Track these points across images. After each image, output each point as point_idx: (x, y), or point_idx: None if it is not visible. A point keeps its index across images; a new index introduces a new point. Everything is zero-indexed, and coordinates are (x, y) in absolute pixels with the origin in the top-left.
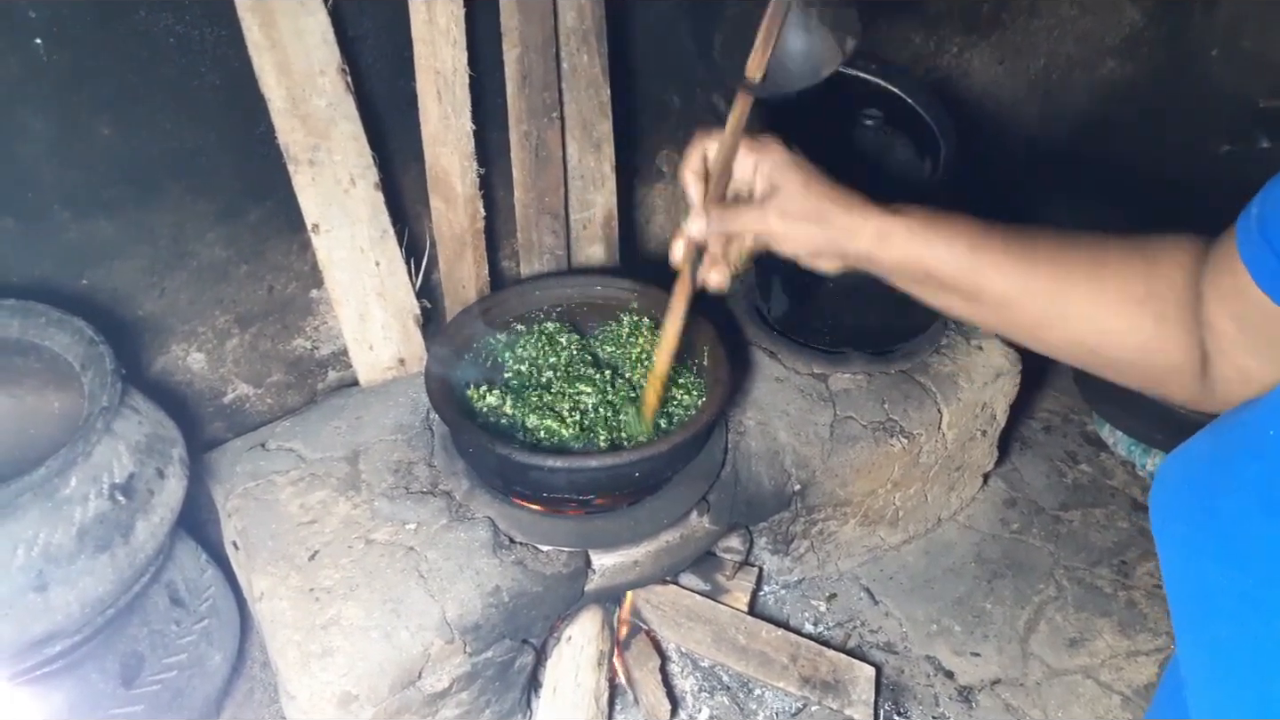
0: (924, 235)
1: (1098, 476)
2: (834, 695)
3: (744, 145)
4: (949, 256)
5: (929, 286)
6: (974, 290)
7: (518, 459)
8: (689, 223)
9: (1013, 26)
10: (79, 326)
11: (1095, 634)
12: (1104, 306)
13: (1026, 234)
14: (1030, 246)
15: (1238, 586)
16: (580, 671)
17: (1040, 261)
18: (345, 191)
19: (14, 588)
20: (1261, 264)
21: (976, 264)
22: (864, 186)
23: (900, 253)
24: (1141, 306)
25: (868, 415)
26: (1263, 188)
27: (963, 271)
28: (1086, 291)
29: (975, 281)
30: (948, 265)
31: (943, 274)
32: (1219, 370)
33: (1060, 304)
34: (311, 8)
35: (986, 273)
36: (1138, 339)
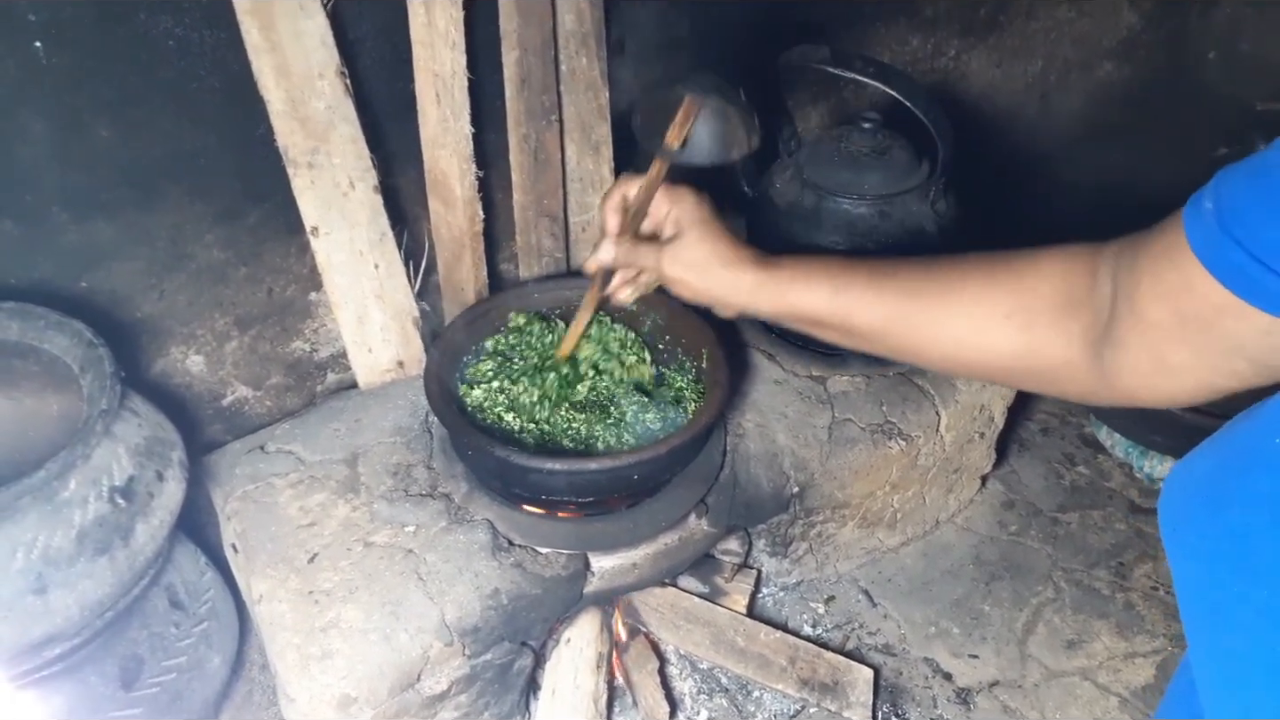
0: (791, 285)
1: (1095, 479)
2: (832, 697)
3: (662, 192)
4: (815, 301)
5: (810, 327)
6: (846, 327)
7: (517, 461)
8: (601, 249)
9: (1010, 29)
10: (78, 329)
11: (1093, 636)
12: (969, 326)
13: (888, 268)
14: (890, 280)
15: (1250, 597)
16: (579, 674)
17: (901, 293)
18: (344, 194)
19: (13, 590)
20: (1222, 258)
21: (841, 304)
22: (860, 192)
23: (773, 304)
24: (1007, 321)
25: (866, 418)
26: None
27: (830, 312)
28: (949, 315)
29: (844, 319)
30: (816, 309)
31: (814, 316)
32: (1130, 361)
33: (927, 329)
34: (310, 11)
35: (852, 310)
36: (1009, 350)
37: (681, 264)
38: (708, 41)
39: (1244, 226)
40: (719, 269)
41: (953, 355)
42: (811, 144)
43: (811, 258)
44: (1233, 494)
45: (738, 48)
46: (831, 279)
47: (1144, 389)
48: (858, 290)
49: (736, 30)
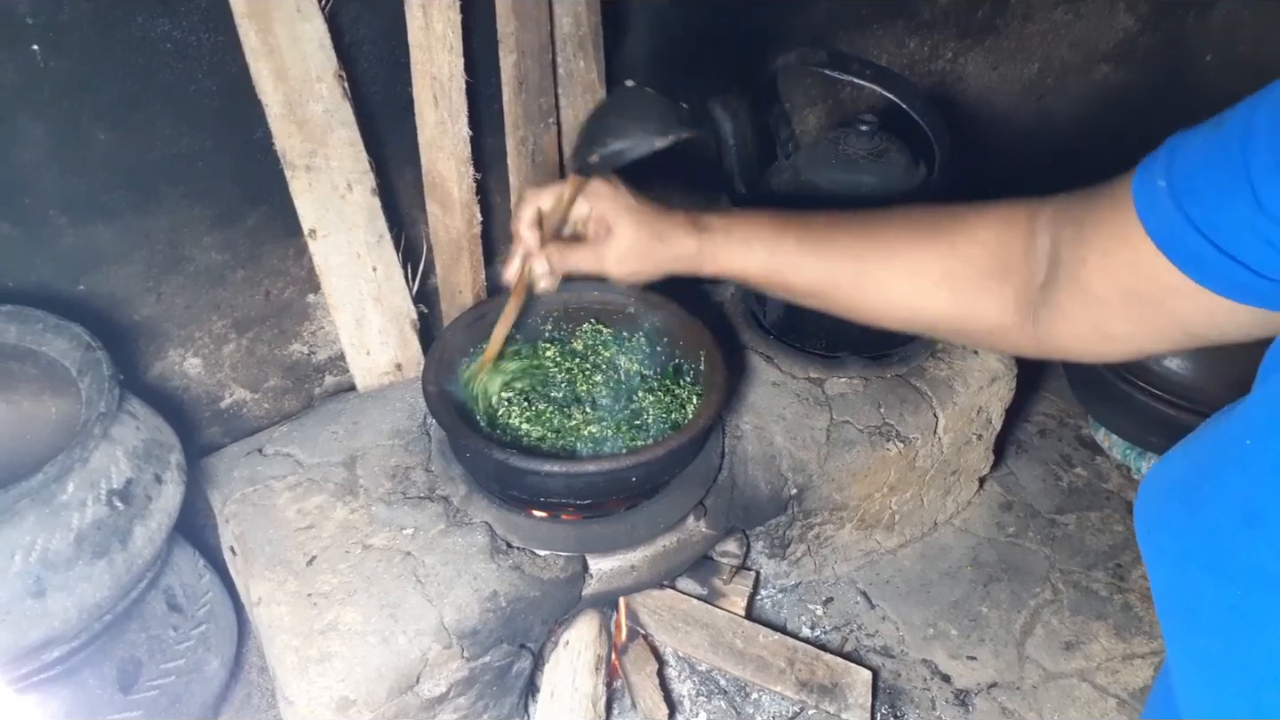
0: (726, 247)
1: (1093, 480)
2: (831, 699)
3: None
4: (752, 263)
5: (754, 286)
6: (785, 286)
7: (515, 464)
8: (535, 265)
9: (1006, 32)
10: (76, 332)
11: (1091, 637)
12: (901, 289)
13: (823, 226)
14: (825, 241)
15: (1224, 598)
16: (578, 676)
17: (835, 255)
18: (342, 197)
19: (11, 594)
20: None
21: (776, 265)
22: (857, 195)
23: (715, 267)
24: (938, 286)
25: (864, 420)
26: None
27: (767, 273)
28: (881, 279)
29: (781, 280)
30: (753, 271)
31: (754, 277)
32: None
33: (860, 291)
34: (308, 14)
35: (787, 271)
36: (941, 314)
37: (625, 260)
38: (705, 44)
39: (1200, 207)
40: (660, 247)
41: (886, 314)
42: (809, 146)
43: (744, 215)
44: (1206, 496)
45: (735, 50)
46: (765, 241)
47: (1078, 351)
48: (791, 251)
49: (734, 32)
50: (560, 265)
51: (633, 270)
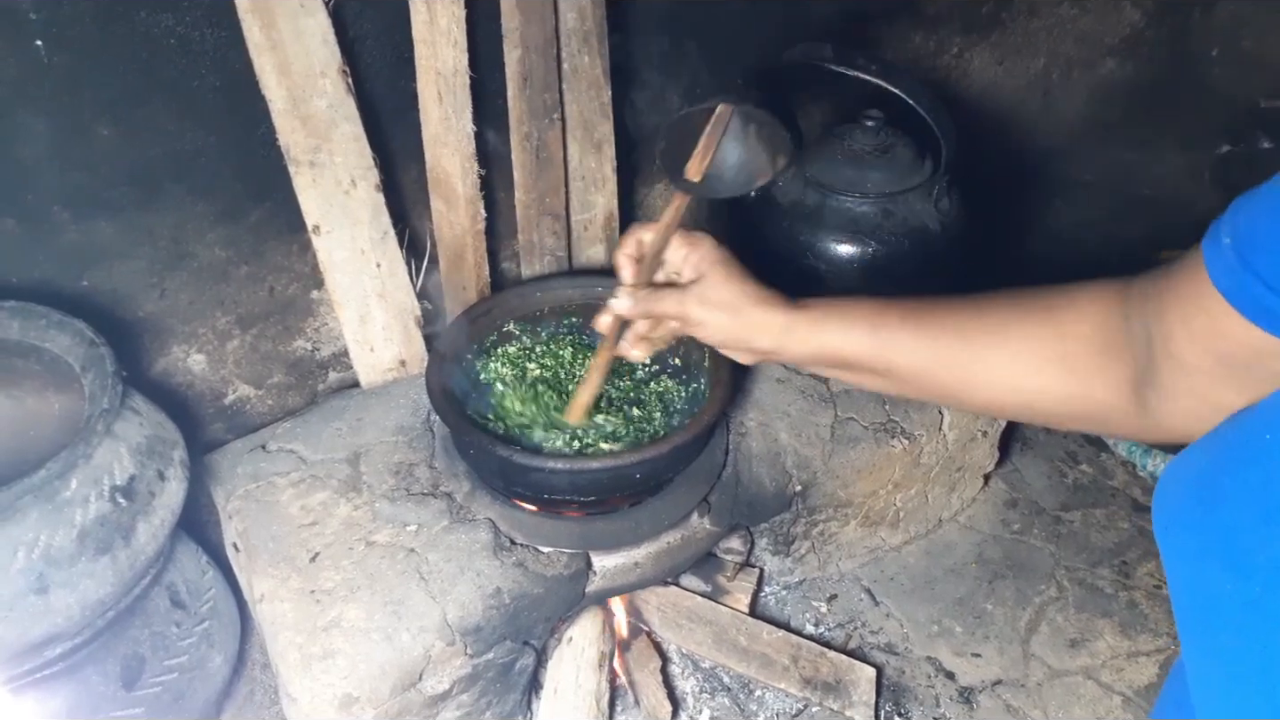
0: (824, 325)
1: (1098, 477)
2: (835, 696)
3: (678, 237)
4: (850, 341)
5: (843, 370)
6: (885, 369)
7: (518, 460)
8: (617, 299)
9: (1012, 27)
10: (79, 328)
11: (1096, 635)
12: (1013, 371)
13: (926, 308)
14: (932, 320)
15: (1241, 594)
16: (581, 673)
17: (944, 334)
18: (346, 193)
19: (14, 590)
20: (1245, 294)
21: (878, 344)
22: (863, 190)
23: (804, 345)
24: (1052, 365)
25: (869, 416)
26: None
27: (866, 353)
28: (993, 359)
29: (882, 360)
30: (850, 350)
31: (848, 358)
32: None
33: (970, 373)
34: (312, 9)
35: (890, 351)
36: (1056, 394)
37: (709, 305)
38: (710, 39)
39: (1264, 258)
40: (749, 309)
41: (998, 400)
42: (814, 142)
43: (841, 298)
44: (1224, 491)
45: (740, 45)
46: (867, 319)
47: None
48: (895, 330)
49: (739, 28)
50: (645, 302)
51: (712, 317)
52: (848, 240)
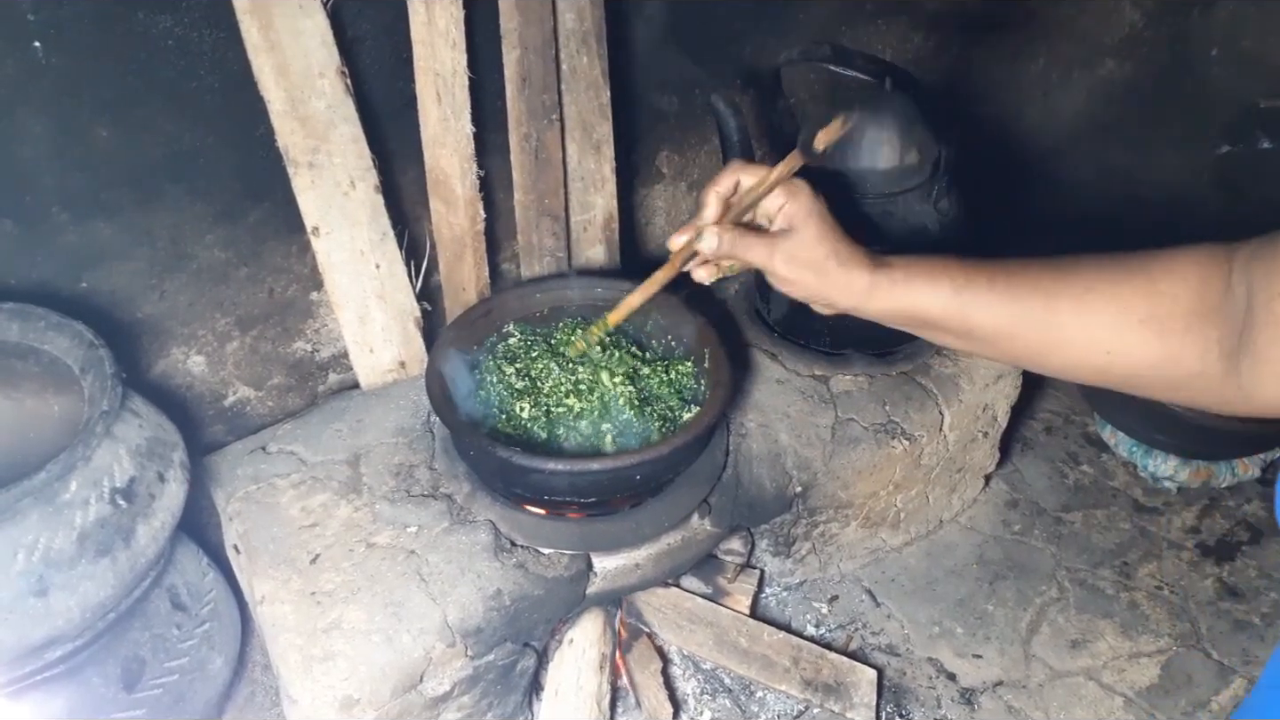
0: (908, 285)
1: (1099, 478)
2: (836, 698)
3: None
4: (934, 300)
5: (922, 329)
6: (965, 329)
7: (519, 462)
8: (704, 237)
9: (1012, 27)
10: (79, 330)
11: (1097, 635)
12: (1101, 330)
13: (1012, 267)
14: (1016, 280)
15: None
16: (582, 674)
17: (1027, 294)
18: (345, 194)
19: (14, 592)
20: None
21: (963, 304)
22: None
23: (888, 304)
24: (1143, 326)
25: (869, 417)
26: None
27: (950, 313)
28: (1080, 318)
29: (964, 320)
30: (934, 309)
31: (931, 317)
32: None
33: (1055, 332)
34: (310, 10)
35: (974, 311)
36: (1143, 357)
37: (797, 263)
38: (709, 39)
39: None
40: (835, 269)
41: (1082, 361)
42: None
43: (925, 257)
44: None
45: (739, 45)
46: (951, 278)
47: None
48: (980, 290)
49: (738, 27)
50: (730, 246)
51: (798, 275)
52: None
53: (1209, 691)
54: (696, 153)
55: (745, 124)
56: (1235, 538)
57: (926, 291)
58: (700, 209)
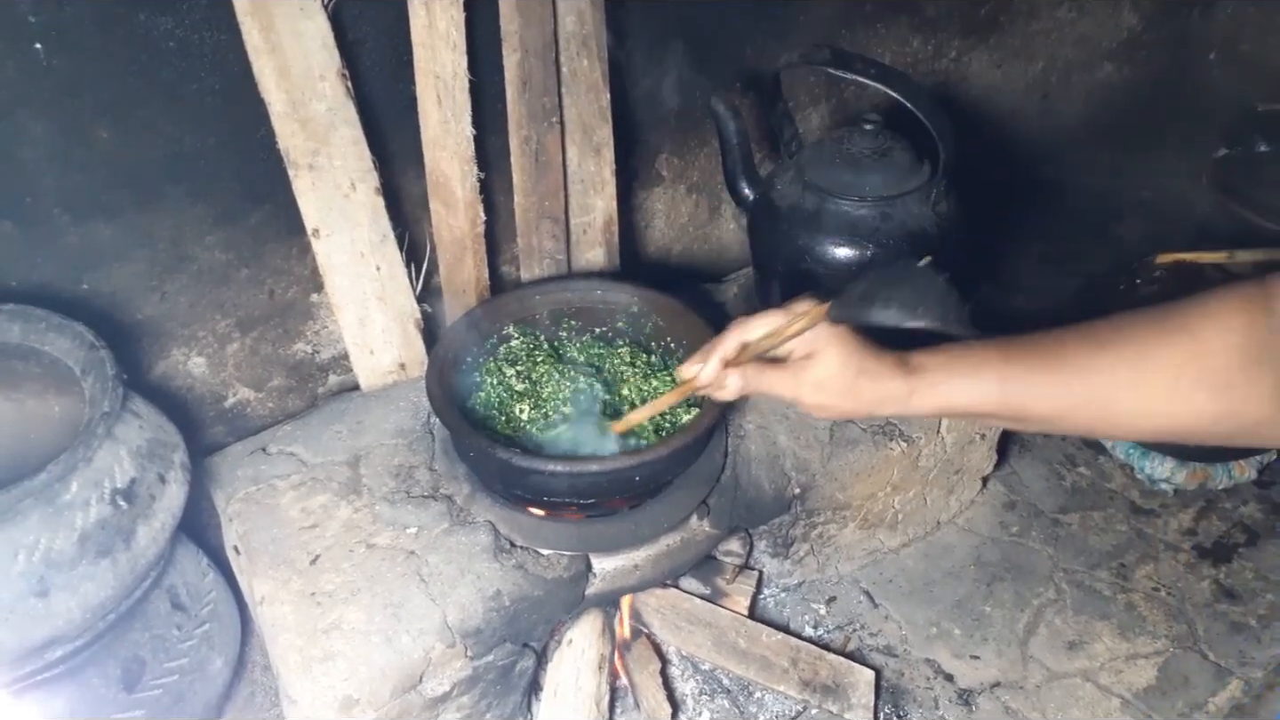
0: (950, 384)
1: (1096, 480)
2: (834, 699)
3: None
4: (981, 396)
5: (971, 420)
6: (1018, 416)
7: (519, 463)
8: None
9: (1011, 30)
10: (79, 331)
11: (1094, 637)
12: (1156, 401)
13: (1053, 346)
14: (1060, 360)
15: None
16: (581, 675)
17: (1075, 374)
18: (345, 196)
19: (15, 593)
20: None
21: (1010, 394)
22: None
23: (930, 404)
24: (1196, 387)
25: (867, 419)
26: None
27: (999, 405)
28: (1135, 391)
29: (1016, 410)
30: (980, 404)
31: (981, 411)
32: None
33: (1111, 407)
34: (311, 12)
35: (1023, 400)
36: (1206, 416)
37: (826, 390)
38: (708, 42)
39: None
40: (867, 386)
41: (1139, 428)
42: (813, 146)
43: (958, 348)
44: None
45: (739, 48)
46: (993, 369)
47: None
48: (1024, 378)
49: (737, 30)
50: (753, 386)
51: (828, 403)
52: (846, 243)
53: (1206, 693)
54: (696, 155)
55: (745, 127)
56: (1232, 540)
57: (970, 388)
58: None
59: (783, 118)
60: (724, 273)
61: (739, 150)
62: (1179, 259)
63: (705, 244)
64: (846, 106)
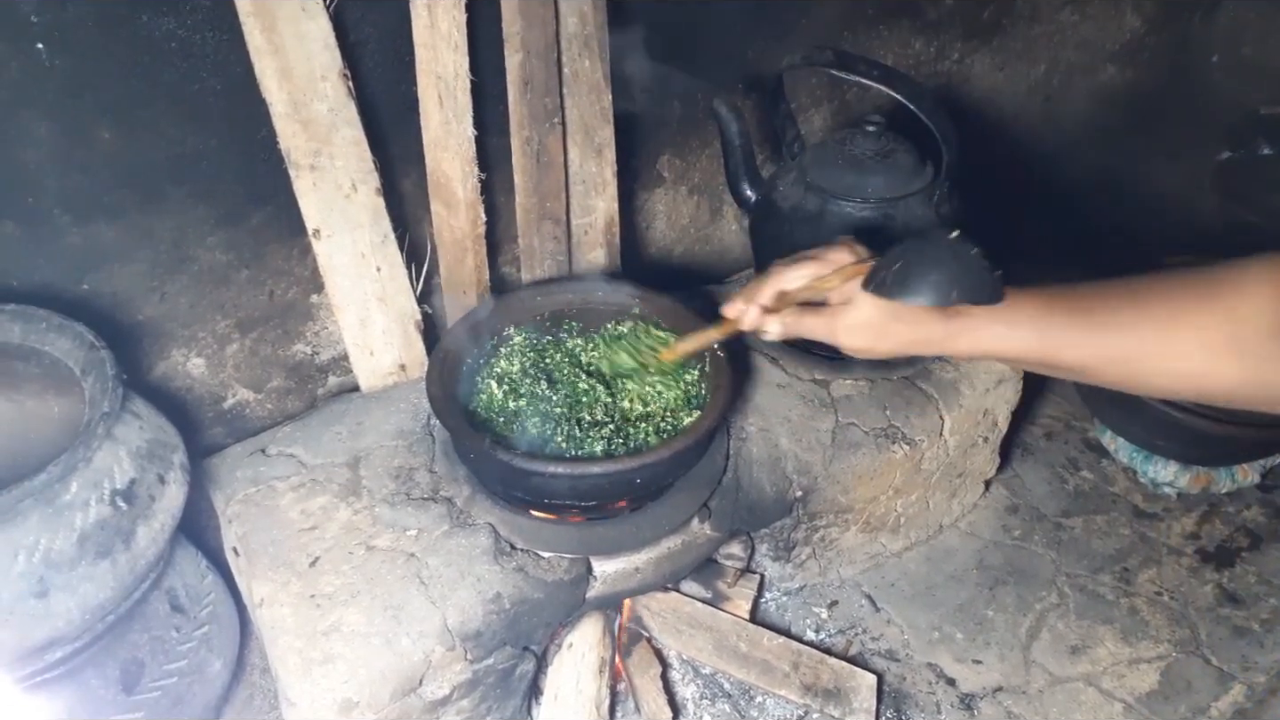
0: (990, 328)
1: (1099, 483)
2: (835, 703)
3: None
4: (1018, 343)
5: (1007, 363)
6: (1051, 364)
7: (519, 465)
8: (769, 330)
9: (1013, 32)
10: (80, 331)
11: (1097, 641)
12: (1185, 359)
13: (1088, 297)
14: (1096, 312)
15: None
16: (581, 679)
17: (1109, 328)
18: (346, 197)
19: (15, 594)
20: None
21: (1045, 342)
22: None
23: (969, 346)
24: (1226, 349)
25: (869, 421)
26: None
27: (1035, 351)
28: (1164, 348)
29: (1050, 357)
30: (1019, 349)
31: (1016, 356)
32: None
33: (1143, 363)
34: (313, 12)
35: (1058, 348)
36: (1231, 379)
37: (860, 334)
38: (710, 43)
39: None
40: (901, 328)
41: (1170, 386)
42: (815, 147)
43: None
44: None
45: (741, 50)
46: (1031, 319)
47: None
48: (1061, 328)
49: (739, 32)
50: (793, 330)
51: (865, 345)
52: None
53: (1208, 697)
54: (698, 156)
55: (747, 128)
56: (1235, 544)
57: (1007, 334)
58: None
59: (785, 119)
60: (726, 274)
61: (741, 151)
62: (1183, 262)
63: (707, 245)
64: (849, 108)
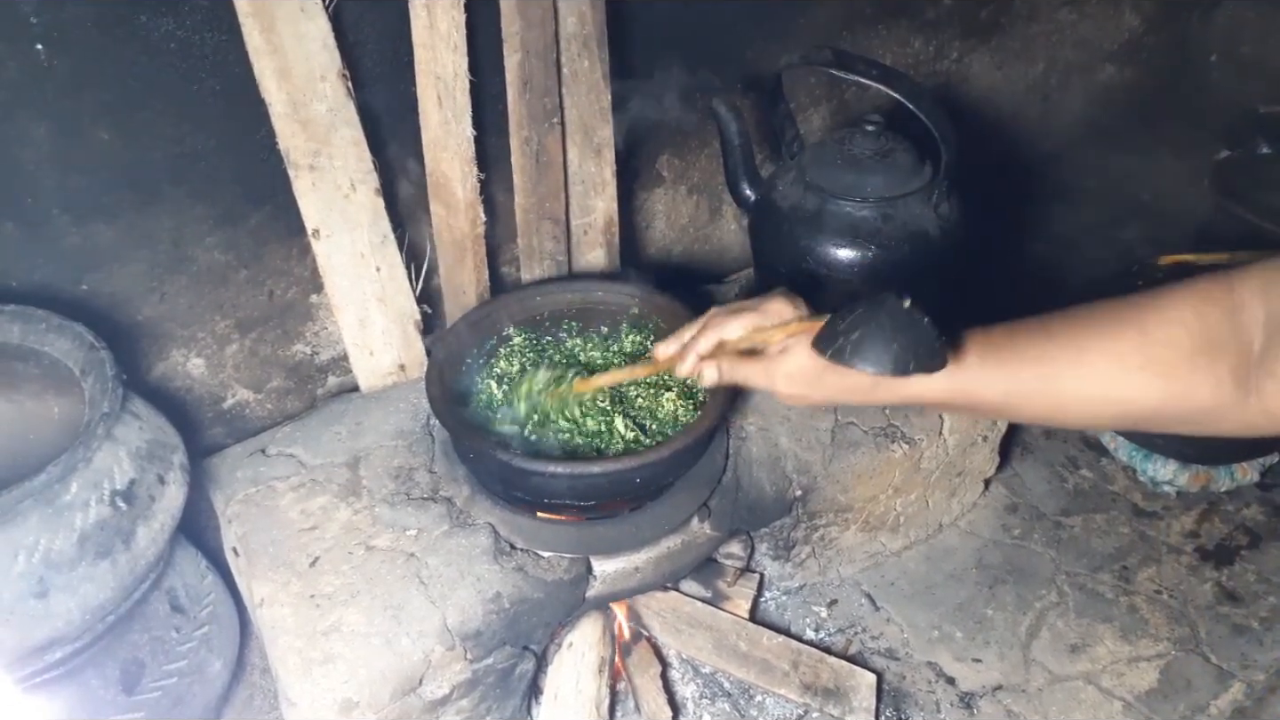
0: (912, 379)
1: (1099, 482)
2: (835, 702)
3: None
4: (934, 386)
5: (930, 409)
6: (970, 405)
7: (519, 465)
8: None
9: (1012, 32)
10: (79, 332)
11: (1097, 640)
12: (1100, 386)
13: (1004, 338)
14: (1007, 351)
15: None
16: (581, 678)
17: (1021, 364)
18: (346, 197)
19: (15, 594)
20: None
21: (961, 385)
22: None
23: (890, 395)
24: (1142, 371)
25: (869, 421)
26: None
27: (952, 394)
28: (1078, 379)
29: (968, 398)
30: (933, 395)
31: (935, 401)
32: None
33: (1057, 396)
34: (312, 13)
35: (974, 389)
36: (1149, 400)
37: (794, 380)
38: (709, 42)
39: None
40: (833, 379)
41: (1089, 415)
42: (814, 147)
43: None
44: None
45: (740, 49)
46: (949, 363)
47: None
48: (973, 369)
49: (738, 32)
50: (729, 377)
51: (800, 393)
52: (847, 245)
53: (1208, 695)
54: (697, 156)
55: (746, 128)
56: (1234, 542)
57: (927, 380)
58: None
59: (784, 119)
60: (725, 274)
61: (740, 151)
62: (1181, 260)
63: (706, 245)
64: (847, 108)
